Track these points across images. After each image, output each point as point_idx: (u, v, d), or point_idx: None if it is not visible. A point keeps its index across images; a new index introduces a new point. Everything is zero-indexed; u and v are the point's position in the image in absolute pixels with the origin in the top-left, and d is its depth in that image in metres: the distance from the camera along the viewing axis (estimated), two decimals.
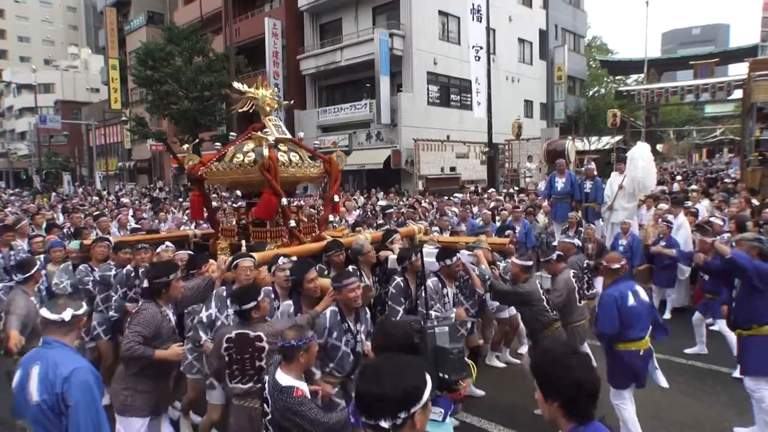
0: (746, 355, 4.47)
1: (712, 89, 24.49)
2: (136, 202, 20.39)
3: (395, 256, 5.07)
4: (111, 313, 5.06)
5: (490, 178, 20.38)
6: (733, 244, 6.76)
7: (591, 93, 41.90)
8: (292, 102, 27.49)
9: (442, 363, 2.43)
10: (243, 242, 5.26)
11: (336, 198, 6.09)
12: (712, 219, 8.47)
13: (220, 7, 27.62)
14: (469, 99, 21.72)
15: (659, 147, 37.92)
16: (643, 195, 9.99)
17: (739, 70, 26.29)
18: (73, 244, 5.83)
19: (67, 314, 2.66)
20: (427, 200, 14.30)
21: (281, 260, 4.24)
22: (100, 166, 41.92)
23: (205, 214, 6.09)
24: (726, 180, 16.74)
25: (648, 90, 27.19)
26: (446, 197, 15.06)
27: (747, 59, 17.34)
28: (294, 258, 4.40)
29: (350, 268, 4.81)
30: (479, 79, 16.88)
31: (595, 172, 10.61)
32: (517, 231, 8.40)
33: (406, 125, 22.93)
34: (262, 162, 5.13)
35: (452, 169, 23.73)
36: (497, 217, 9.87)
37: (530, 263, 4.89)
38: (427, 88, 24.49)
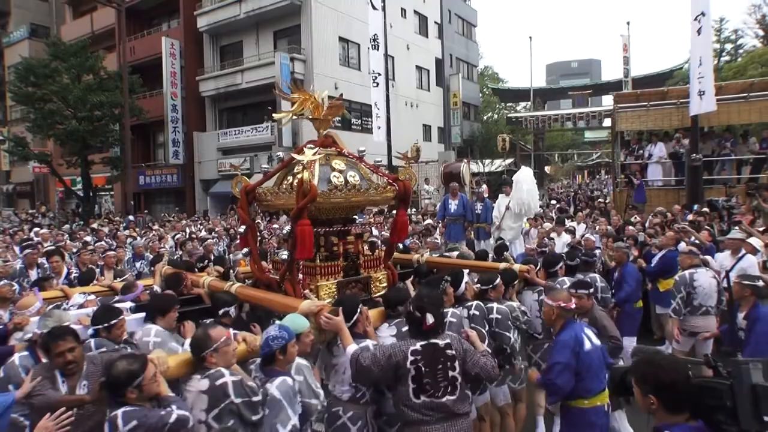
0: None
1: (587, 117, 27.16)
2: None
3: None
4: None
5: None
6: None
7: (485, 118, 44.38)
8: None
9: None
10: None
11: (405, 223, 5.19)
12: (587, 236, 9.52)
13: (114, 23, 26.51)
14: (370, 123, 22.41)
15: (547, 169, 40.94)
16: (530, 215, 10.88)
17: (609, 101, 29.26)
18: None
19: None
20: None
21: None
22: None
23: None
24: (600, 200, 18.55)
25: (534, 117, 29.53)
26: None
27: (613, 92, 19.40)
28: None
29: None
30: (378, 104, 17.49)
31: (486, 195, 11.42)
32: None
33: (308, 148, 23.13)
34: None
35: None
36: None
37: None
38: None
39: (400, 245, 5.14)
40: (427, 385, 3.15)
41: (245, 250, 7.91)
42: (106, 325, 3.62)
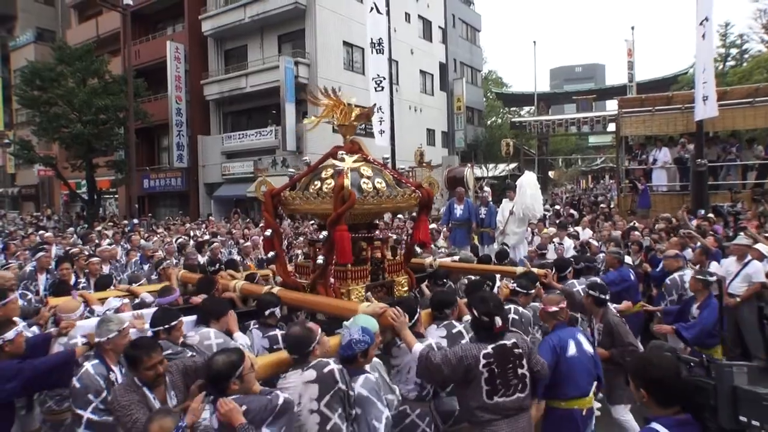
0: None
1: (591, 122, 26.98)
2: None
3: None
4: None
5: None
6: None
7: (489, 123, 44.34)
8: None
9: (745, 406, 2.14)
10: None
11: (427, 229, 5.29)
12: (590, 240, 9.50)
13: (119, 27, 26.64)
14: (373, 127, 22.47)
15: (550, 173, 40.85)
16: (534, 219, 10.83)
17: (613, 106, 29.17)
18: None
19: None
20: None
21: None
22: None
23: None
24: (602, 205, 18.46)
25: (538, 121, 29.38)
26: None
27: (617, 97, 19.34)
28: None
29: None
30: (382, 109, 17.43)
31: (489, 199, 11.38)
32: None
33: (312, 152, 23.19)
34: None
35: None
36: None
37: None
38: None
39: (418, 250, 5.25)
40: (499, 385, 3.22)
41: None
42: (166, 326, 3.64)
